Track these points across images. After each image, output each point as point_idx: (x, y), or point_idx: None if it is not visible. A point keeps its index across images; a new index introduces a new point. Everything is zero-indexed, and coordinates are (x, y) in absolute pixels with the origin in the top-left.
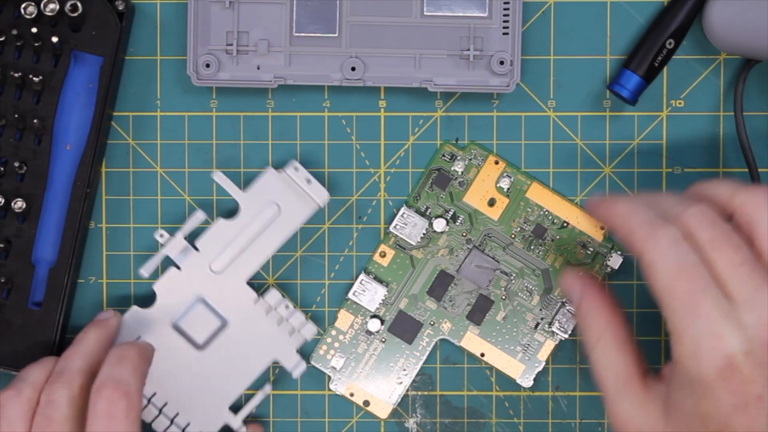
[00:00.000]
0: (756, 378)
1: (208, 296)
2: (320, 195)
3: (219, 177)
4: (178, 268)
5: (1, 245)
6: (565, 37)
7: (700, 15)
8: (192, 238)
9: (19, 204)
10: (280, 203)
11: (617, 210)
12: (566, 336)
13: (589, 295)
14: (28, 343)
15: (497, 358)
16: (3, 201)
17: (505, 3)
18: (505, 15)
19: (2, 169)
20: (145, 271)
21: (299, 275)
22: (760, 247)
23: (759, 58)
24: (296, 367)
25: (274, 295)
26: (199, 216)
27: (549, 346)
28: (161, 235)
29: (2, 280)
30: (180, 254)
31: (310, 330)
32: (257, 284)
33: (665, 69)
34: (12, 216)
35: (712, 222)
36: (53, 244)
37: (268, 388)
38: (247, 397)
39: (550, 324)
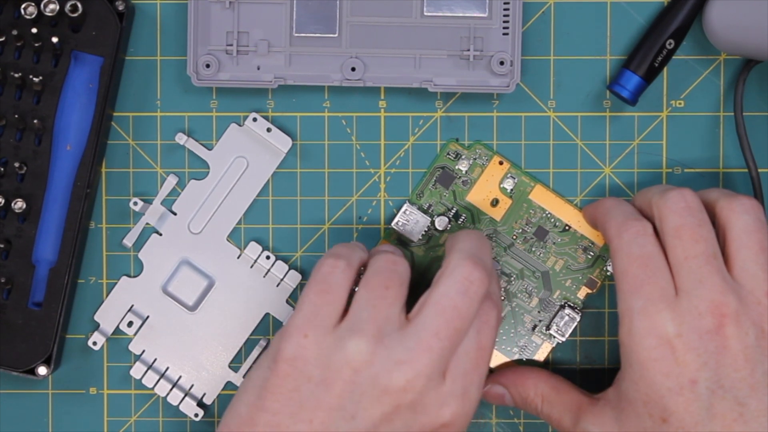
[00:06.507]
0: (688, 362)
1: (191, 258)
2: (283, 142)
3: (182, 138)
4: (159, 234)
5: (2, 245)
6: (565, 38)
7: (700, 15)
8: (168, 205)
9: (19, 204)
10: (247, 156)
11: (604, 204)
12: (563, 339)
13: (511, 382)
14: (28, 343)
15: (494, 358)
16: (3, 201)
17: (505, 3)
18: (505, 15)
19: (2, 169)
20: (128, 240)
21: (300, 275)
22: (729, 249)
23: (759, 58)
24: (288, 316)
25: (253, 248)
26: (171, 180)
27: (546, 348)
28: (135, 203)
29: (2, 280)
30: (159, 220)
31: (294, 278)
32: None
33: (665, 69)
34: (12, 216)
35: (686, 210)
36: (53, 244)
37: (263, 342)
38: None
39: (548, 327)
